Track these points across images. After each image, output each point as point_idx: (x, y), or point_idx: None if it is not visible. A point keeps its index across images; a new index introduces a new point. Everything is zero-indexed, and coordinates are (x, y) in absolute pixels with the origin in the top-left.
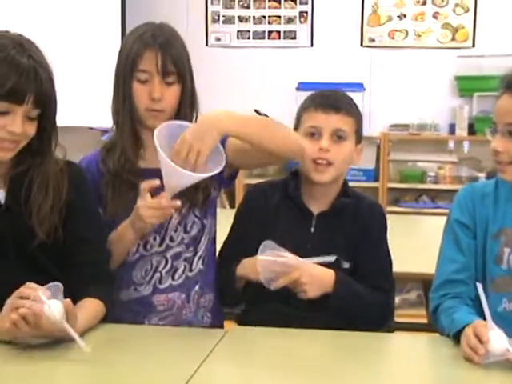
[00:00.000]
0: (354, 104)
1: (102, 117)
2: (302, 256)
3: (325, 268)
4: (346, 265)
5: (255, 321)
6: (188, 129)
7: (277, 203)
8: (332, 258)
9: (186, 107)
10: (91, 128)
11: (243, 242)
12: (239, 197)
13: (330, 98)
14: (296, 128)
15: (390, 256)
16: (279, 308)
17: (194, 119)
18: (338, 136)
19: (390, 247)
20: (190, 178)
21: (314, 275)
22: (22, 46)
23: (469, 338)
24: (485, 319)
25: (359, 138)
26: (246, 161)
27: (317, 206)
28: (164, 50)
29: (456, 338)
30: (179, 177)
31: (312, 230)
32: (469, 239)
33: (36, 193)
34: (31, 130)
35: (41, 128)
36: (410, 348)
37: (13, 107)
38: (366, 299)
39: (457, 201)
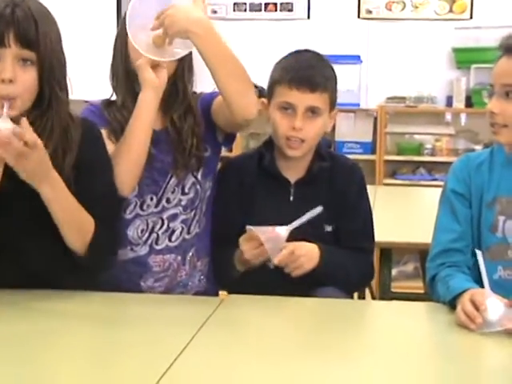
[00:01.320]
0: (331, 73)
1: (97, 90)
2: (282, 225)
3: (308, 243)
4: (329, 228)
5: (244, 289)
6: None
7: (254, 176)
8: (318, 209)
9: (185, 63)
10: (86, 101)
11: (229, 221)
12: None
13: (305, 74)
14: (268, 98)
15: (370, 214)
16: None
17: (188, 81)
18: (312, 112)
19: (386, 219)
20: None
21: (307, 248)
22: (13, 1)
23: (465, 305)
24: (482, 287)
25: (333, 106)
26: (220, 119)
27: (293, 173)
28: None
29: (452, 304)
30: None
31: (291, 198)
32: (465, 208)
33: (44, 142)
34: (26, 76)
35: (40, 77)
36: (406, 315)
37: None
38: (350, 267)
39: (452, 171)
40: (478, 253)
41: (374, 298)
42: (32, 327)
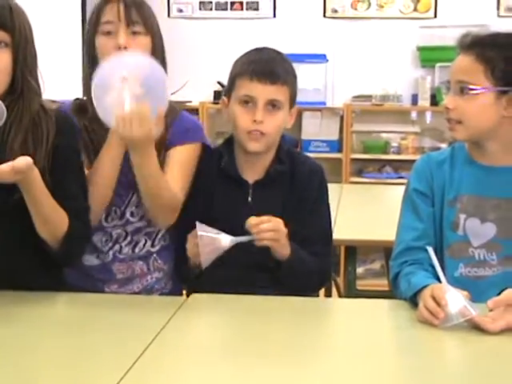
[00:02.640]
0: (291, 68)
1: (65, 90)
2: (237, 226)
3: None
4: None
5: (208, 287)
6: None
7: (212, 176)
8: (250, 238)
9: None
10: (54, 101)
11: (191, 211)
12: None
13: (266, 66)
14: (229, 91)
15: (329, 218)
16: (232, 274)
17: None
18: (272, 105)
19: (352, 217)
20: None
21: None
22: None
23: (426, 300)
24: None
25: (293, 102)
26: None
27: (252, 174)
28: (127, 0)
29: (413, 301)
30: None
31: (249, 199)
32: (427, 207)
33: (13, 130)
34: (1, 58)
35: (14, 62)
36: (368, 312)
37: None
38: (309, 266)
39: (414, 170)
40: (429, 248)
41: (340, 295)
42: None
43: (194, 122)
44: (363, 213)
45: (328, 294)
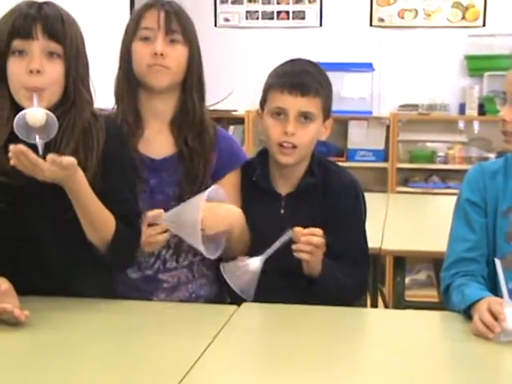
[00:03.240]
0: (325, 79)
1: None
2: (271, 237)
3: None
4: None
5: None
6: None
7: (246, 186)
8: (289, 233)
9: (193, 76)
10: (102, 109)
11: None
12: None
13: (297, 78)
14: (263, 103)
15: (364, 235)
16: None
17: (199, 98)
18: (304, 117)
19: (399, 227)
20: None
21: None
22: (34, 2)
23: (482, 313)
24: (497, 296)
25: (327, 114)
26: None
27: (285, 186)
28: (168, 8)
29: (466, 313)
30: None
31: (282, 211)
32: (480, 218)
33: (65, 140)
34: (53, 69)
35: (66, 72)
36: (420, 324)
37: (27, 44)
38: (341, 282)
39: (467, 180)
40: (497, 261)
41: (386, 306)
42: (53, 336)
43: (234, 142)
44: (410, 223)
45: (374, 305)
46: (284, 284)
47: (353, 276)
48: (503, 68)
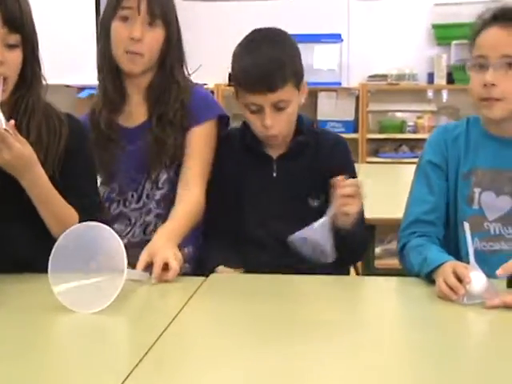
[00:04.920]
0: (291, 53)
1: (78, 74)
2: (265, 201)
3: None
4: (315, 203)
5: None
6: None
7: (236, 153)
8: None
9: (173, 58)
10: (67, 86)
11: (220, 200)
12: None
13: (262, 76)
14: (235, 88)
15: None
16: (259, 258)
17: (183, 75)
18: (279, 106)
19: (369, 197)
20: None
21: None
22: None
23: (447, 276)
24: (456, 259)
25: (300, 82)
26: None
27: (275, 149)
28: None
29: (428, 277)
30: None
31: (274, 174)
32: (440, 181)
33: (26, 123)
34: (14, 58)
35: (25, 57)
36: (386, 289)
37: None
38: (363, 234)
39: (429, 142)
40: (466, 224)
41: (357, 274)
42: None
43: (209, 96)
44: (380, 192)
45: (346, 273)
46: (282, 253)
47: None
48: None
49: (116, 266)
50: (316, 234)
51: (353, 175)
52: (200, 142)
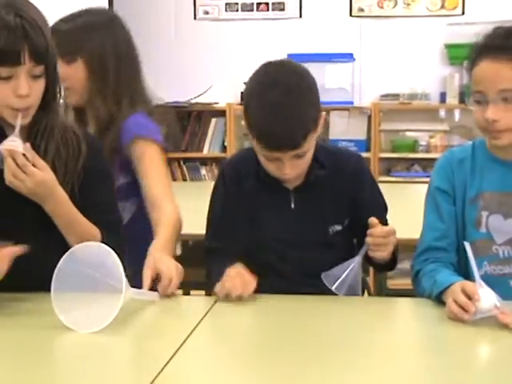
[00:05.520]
0: (309, 100)
1: None
2: (288, 234)
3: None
4: (338, 227)
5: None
6: None
7: (252, 185)
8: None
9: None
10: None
11: (227, 230)
12: None
13: (281, 138)
14: (251, 137)
15: (385, 203)
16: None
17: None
18: (299, 156)
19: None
20: None
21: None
22: (11, 6)
23: (457, 295)
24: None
25: (318, 116)
26: None
27: (292, 181)
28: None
29: (438, 298)
30: None
31: (292, 205)
32: (449, 205)
33: (45, 144)
34: (39, 87)
35: (47, 84)
36: (396, 310)
37: (13, 70)
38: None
39: (436, 168)
40: (467, 244)
41: (370, 294)
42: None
43: (140, 124)
44: (393, 211)
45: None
46: (308, 285)
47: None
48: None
49: (118, 285)
50: (349, 274)
51: (378, 195)
52: (153, 159)
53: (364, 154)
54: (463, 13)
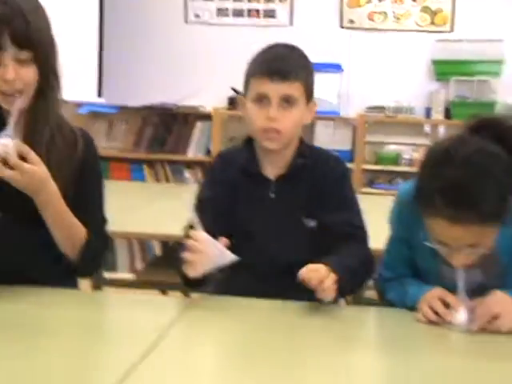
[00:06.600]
0: (306, 63)
1: (76, 90)
2: (265, 222)
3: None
4: (312, 223)
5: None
6: None
7: (235, 175)
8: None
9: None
10: (65, 102)
11: (211, 209)
12: None
13: (276, 64)
14: (245, 91)
15: (356, 204)
16: (251, 284)
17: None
18: (286, 102)
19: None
20: None
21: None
22: None
23: (433, 302)
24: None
25: (310, 97)
26: None
27: (274, 170)
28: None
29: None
30: None
31: (272, 195)
32: (408, 250)
33: (40, 130)
34: (28, 74)
35: (39, 70)
36: (370, 319)
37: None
38: (359, 273)
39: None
40: (459, 271)
41: (348, 303)
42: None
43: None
44: (373, 223)
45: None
46: (275, 278)
47: (358, 256)
48: (469, 73)
49: None
50: None
51: (350, 194)
52: None
53: (348, 165)
54: (452, 30)
